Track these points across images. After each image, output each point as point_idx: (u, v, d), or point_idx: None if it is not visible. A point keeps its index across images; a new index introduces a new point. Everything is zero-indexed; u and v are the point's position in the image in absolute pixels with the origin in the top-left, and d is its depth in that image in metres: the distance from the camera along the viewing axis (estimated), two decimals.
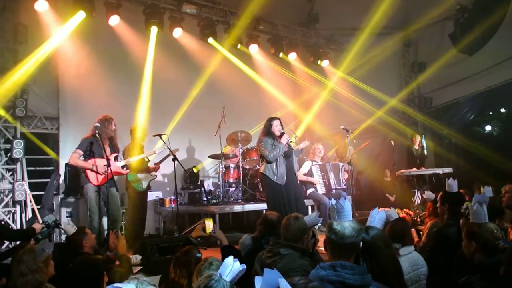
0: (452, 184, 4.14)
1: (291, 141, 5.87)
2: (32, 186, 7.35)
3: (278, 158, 5.73)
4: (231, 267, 1.77)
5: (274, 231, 3.73)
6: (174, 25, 8.53)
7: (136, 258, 4.65)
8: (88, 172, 5.67)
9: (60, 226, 4.51)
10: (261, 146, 5.83)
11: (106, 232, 5.27)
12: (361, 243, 2.30)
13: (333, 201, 2.34)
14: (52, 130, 8.08)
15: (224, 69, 9.62)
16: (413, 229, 4.50)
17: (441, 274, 3.18)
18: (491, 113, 9.88)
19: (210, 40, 8.97)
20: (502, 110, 9.65)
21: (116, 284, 1.77)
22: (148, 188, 7.07)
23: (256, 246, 3.82)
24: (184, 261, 3.01)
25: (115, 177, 5.96)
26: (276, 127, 5.83)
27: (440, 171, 8.17)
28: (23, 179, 7.36)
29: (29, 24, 7.45)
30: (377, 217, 2.76)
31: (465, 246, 2.88)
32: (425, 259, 3.12)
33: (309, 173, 7.51)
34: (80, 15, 7.44)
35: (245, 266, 1.80)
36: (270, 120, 5.95)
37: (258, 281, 1.47)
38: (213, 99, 9.24)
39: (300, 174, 7.16)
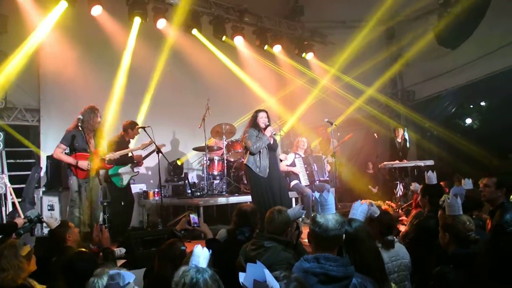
0: (431, 177, 4.22)
1: (275, 134, 5.88)
2: (13, 179, 7.22)
3: (261, 150, 5.73)
4: (202, 254, 1.81)
5: (248, 222, 3.82)
6: (158, 16, 8.44)
7: (120, 251, 4.62)
8: None
9: (42, 220, 4.45)
10: (245, 138, 5.84)
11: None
12: (344, 235, 2.33)
13: (317, 194, 2.37)
14: (33, 122, 7.95)
15: (209, 61, 9.59)
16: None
17: (421, 265, 3.25)
18: (471, 106, 10.04)
19: (194, 31, 8.91)
20: (482, 103, 9.81)
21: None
22: (128, 184, 6.94)
23: (230, 238, 3.91)
24: (169, 254, 3.02)
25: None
26: (261, 119, 5.83)
27: (421, 163, 8.30)
28: (3, 172, 7.23)
29: (9, 14, 7.31)
30: (359, 210, 2.80)
31: (440, 237, 3.00)
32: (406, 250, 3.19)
33: (292, 166, 7.58)
34: (62, 5, 7.31)
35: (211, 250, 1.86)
36: (257, 112, 5.95)
37: (242, 276, 1.49)
38: (198, 91, 9.20)
39: (283, 165, 7.20)
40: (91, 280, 2.03)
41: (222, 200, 7.38)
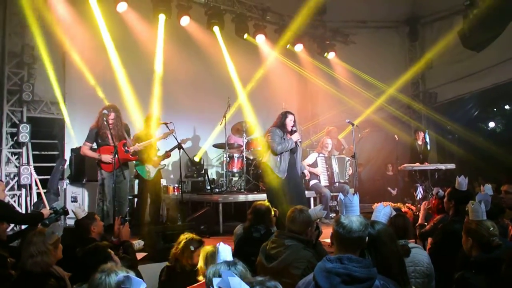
0: (463, 183, 4.14)
1: (300, 141, 5.85)
2: (37, 170, 7.41)
3: (284, 152, 5.69)
4: (226, 249, 1.92)
5: (263, 220, 3.99)
6: (181, 13, 8.50)
7: (139, 244, 4.74)
8: None
9: (67, 210, 4.58)
10: (269, 137, 5.73)
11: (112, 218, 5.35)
12: (367, 237, 2.34)
13: (341, 196, 2.39)
14: (58, 115, 8.11)
15: (231, 58, 9.62)
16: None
17: (446, 269, 3.24)
18: (495, 109, 9.87)
19: (215, 29, 8.92)
20: (506, 107, 9.65)
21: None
22: (159, 177, 7.00)
23: (246, 235, 4.04)
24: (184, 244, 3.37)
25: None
26: (289, 122, 5.75)
27: (443, 166, 8.20)
28: (28, 163, 7.43)
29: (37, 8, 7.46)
30: (382, 212, 2.80)
31: (463, 242, 2.99)
32: (430, 254, 3.16)
33: (314, 165, 7.57)
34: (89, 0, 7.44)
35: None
36: (286, 113, 5.84)
37: (216, 281, 1.51)
38: (219, 88, 9.26)
39: (304, 165, 7.19)
40: (97, 275, 2.00)
41: (241, 198, 7.43)
